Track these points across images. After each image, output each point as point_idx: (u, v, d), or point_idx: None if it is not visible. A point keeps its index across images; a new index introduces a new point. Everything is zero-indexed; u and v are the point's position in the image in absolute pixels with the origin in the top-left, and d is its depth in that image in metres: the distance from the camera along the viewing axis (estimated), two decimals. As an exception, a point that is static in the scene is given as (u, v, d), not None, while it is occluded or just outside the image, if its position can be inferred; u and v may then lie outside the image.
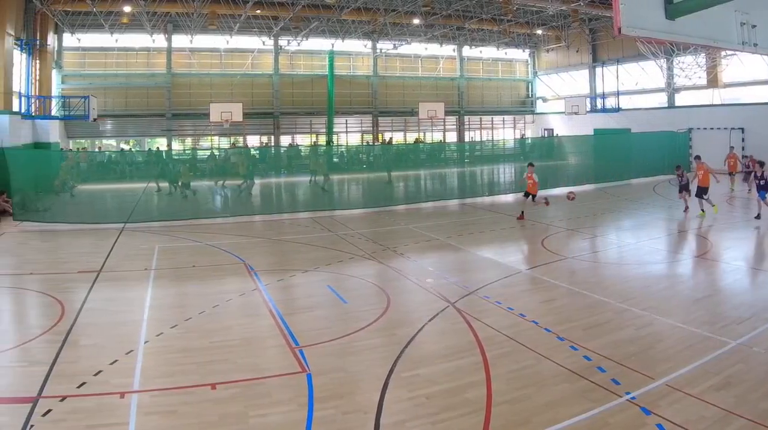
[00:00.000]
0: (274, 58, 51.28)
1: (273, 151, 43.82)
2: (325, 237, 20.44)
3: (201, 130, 49.44)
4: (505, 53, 58.51)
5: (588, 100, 50.90)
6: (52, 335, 10.66)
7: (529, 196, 22.85)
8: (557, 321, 11.12)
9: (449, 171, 40.14)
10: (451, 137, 58.91)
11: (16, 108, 31.28)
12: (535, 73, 61.59)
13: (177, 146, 49.34)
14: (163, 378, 8.83)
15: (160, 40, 47.25)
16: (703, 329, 10.46)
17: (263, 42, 49.89)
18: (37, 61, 36.76)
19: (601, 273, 15.43)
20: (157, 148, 46.95)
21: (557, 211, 25.50)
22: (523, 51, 60.37)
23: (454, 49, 58.06)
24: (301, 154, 43.50)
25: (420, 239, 19.75)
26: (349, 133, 55.05)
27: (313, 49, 52.28)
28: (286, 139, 52.40)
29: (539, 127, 60.65)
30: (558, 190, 32.48)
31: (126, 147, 48.21)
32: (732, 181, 30.14)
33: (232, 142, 49.89)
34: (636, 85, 48.02)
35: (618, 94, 49.03)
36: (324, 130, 53.27)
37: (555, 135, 55.71)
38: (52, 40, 39.85)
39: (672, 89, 44.38)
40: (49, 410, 7.66)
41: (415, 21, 46.33)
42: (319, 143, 52.42)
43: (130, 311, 12.16)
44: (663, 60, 39.97)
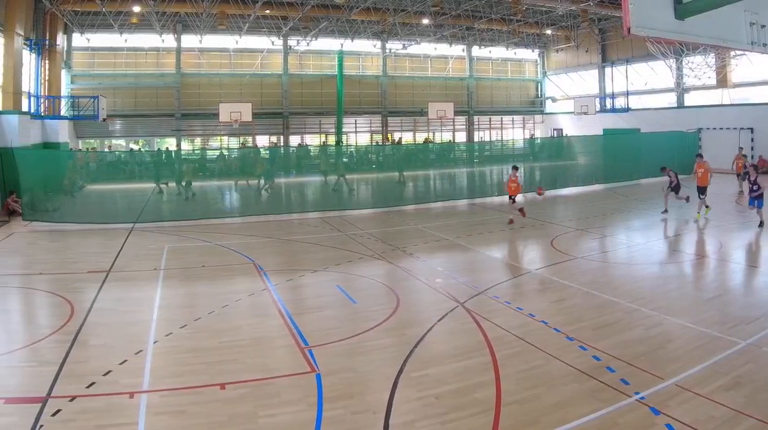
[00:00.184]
0: (284, 58, 51.29)
1: (282, 151, 43.70)
2: (334, 237, 20.46)
3: (210, 130, 49.54)
4: (515, 53, 58.42)
5: (597, 100, 50.76)
6: (61, 335, 10.70)
7: (512, 199, 22.57)
8: (567, 321, 11.10)
9: (458, 171, 40.00)
10: (461, 137, 58.80)
11: (25, 108, 31.32)
12: (545, 73, 61.47)
13: (186, 146, 49.46)
14: (172, 378, 8.85)
15: (169, 40, 47.37)
16: (713, 329, 10.42)
17: (272, 42, 49.93)
18: (47, 61, 36.87)
19: (611, 273, 15.39)
20: (167, 148, 47.05)
21: (566, 211, 25.52)
22: (533, 51, 60.24)
23: (464, 49, 57.95)
24: (311, 154, 43.49)
25: (429, 239, 19.75)
26: (358, 133, 55.05)
27: (323, 49, 52.28)
28: (295, 139, 52.41)
29: (548, 127, 60.53)
30: (567, 190, 32.52)
31: (135, 147, 48.33)
32: (740, 182, 29.98)
33: (241, 142, 49.97)
34: (645, 85, 47.88)
35: (627, 94, 48.86)
36: (333, 130, 53.29)
37: (564, 135, 55.52)
38: (61, 40, 39.98)
39: (681, 89, 44.23)
40: (58, 410, 7.69)
41: (425, 21, 46.28)
42: (328, 143, 52.43)
43: (139, 311, 12.20)
44: (672, 60, 39.89)
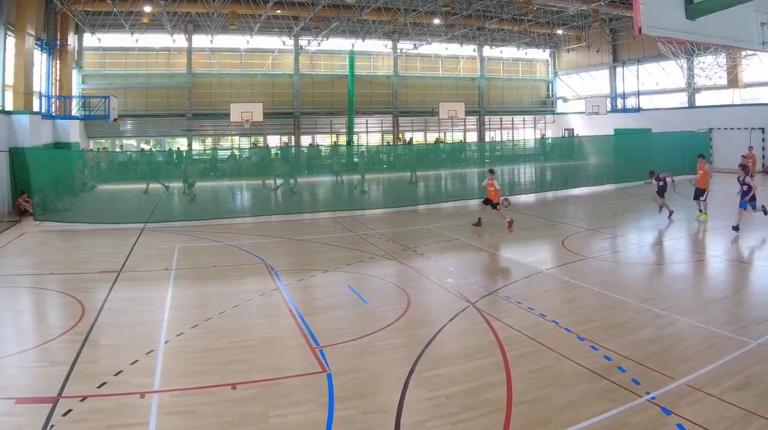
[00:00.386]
0: (295, 58, 51.38)
1: (294, 150, 43.80)
2: (345, 237, 20.46)
3: (221, 130, 49.70)
4: (526, 53, 58.33)
5: (608, 100, 50.57)
6: (72, 334, 10.73)
7: (490, 204, 21.57)
8: (578, 321, 11.07)
9: (470, 171, 39.93)
10: (472, 137, 58.78)
11: (36, 108, 31.49)
12: (556, 73, 61.36)
13: (197, 146, 49.62)
14: (183, 378, 8.87)
15: (180, 40, 47.56)
16: (724, 329, 10.37)
17: (283, 42, 50.01)
18: (58, 62, 37.07)
19: (622, 273, 15.34)
20: (177, 148, 47.19)
21: (577, 211, 25.46)
22: (544, 51, 60.14)
23: (475, 49, 57.92)
24: (322, 154, 43.58)
25: (440, 239, 19.74)
26: (370, 134, 55.11)
27: (334, 49, 52.34)
28: (306, 140, 52.54)
29: (560, 127, 60.44)
30: (578, 190, 32.45)
31: (146, 147, 48.51)
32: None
33: (252, 143, 50.10)
34: (656, 85, 47.75)
35: (638, 94, 48.67)
36: (344, 130, 53.37)
37: (575, 135, 55.47)
38: (72, 40, 40.18)
39: (692, 89, 44.11)
40: (69, 410, 7.71)
41: (436, 21, 46.28)
42: (339, 143, 52.51)
43: (150, 311, 12.23)
44: (683, 60, 39.84)
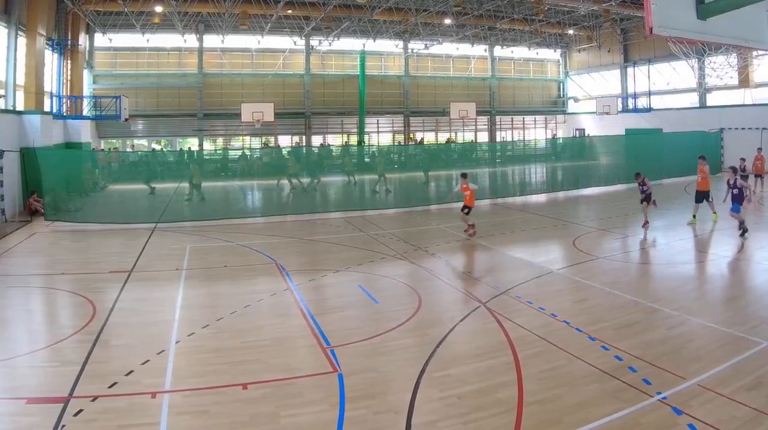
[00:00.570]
0: (306, 58, 51.44)
1: (305, 151, 43.86)
2: (356, 237, 20.48)
3: (232, 130, 49.83)
4: (537, 53, 58.18)
5: (619, 100, 50.36)
6: (83, 334, 10.77)
7: (467, 209, 20.10)
8: (589, 321, 11.04)
9: (481, 171, 39.85)
10: (483, 137, 58.70)
11: (47, 108, 31.62)
12: (567, 73, 61.20)
13: (208, 146, 49.75)
14: (194, 378, 8.89)
15: (191, 40, 47.70)
16: (734, 329, 10.33)
17: (294, 42, 50.08)
18: (69, 62, 37.22)
19: (633, 273, 15.32)
20: (189, 148, 47.32)
21: (588, 211, 25.41)
22: (555, 51, 60.01)
23: (486, 49, 57.83)
24: (333, 154, 43.60)
25: (451, 239, 19.72)
26: (381, 133, 55.10)
27: (345, 49, 52.37)
28: (317, 140, 52.62)
29: (570, 127, 60.31)
30: (590, 190, 32.38)
31: (157, 147, 48.69)
32: (760, 182, 29.61)
33: (263, 143, 50.18)
34: (667, 85, 47.61)
35: (649, 94, 48.40)
36: (355, 130, 53.41)
37: (586, 135, 55.36)
38: (83, 40, 40.42)
39: (703, 89, 43.96)
40: (80, 410, 7.73)
41: (447, 21, 46.28)
42: (350, 143, 52.52)
43: (161, 311, 12.26)
44: (694, 60, 39.68)
